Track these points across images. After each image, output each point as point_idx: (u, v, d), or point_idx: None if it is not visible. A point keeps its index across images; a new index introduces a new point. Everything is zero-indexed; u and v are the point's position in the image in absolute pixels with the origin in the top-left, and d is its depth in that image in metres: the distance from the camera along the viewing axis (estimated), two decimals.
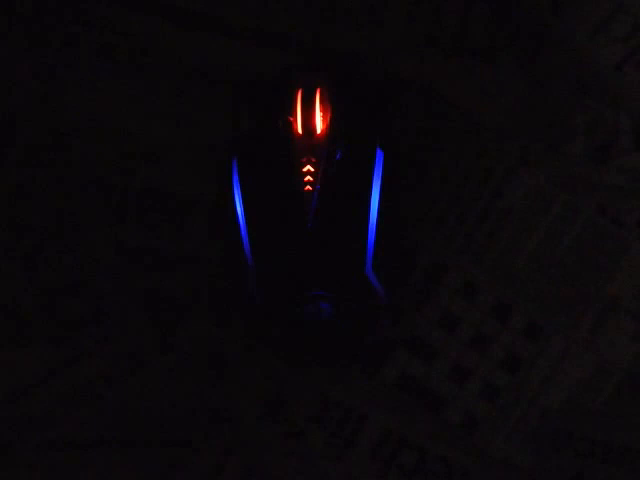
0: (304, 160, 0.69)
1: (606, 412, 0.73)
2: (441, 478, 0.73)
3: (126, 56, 0.78)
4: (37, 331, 0.74)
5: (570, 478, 0.73)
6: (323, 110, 0.71)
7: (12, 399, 0.73)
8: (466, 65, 0.78)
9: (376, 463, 0.73)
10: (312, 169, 0.69)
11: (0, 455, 0.72)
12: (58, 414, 0.73)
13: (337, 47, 0.78)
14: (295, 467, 0.73)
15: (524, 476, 0.73)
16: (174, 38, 0.78)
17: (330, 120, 0.70)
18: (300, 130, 0.70)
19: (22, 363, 0.74)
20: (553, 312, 0.75)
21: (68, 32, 0.78)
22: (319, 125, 0.70)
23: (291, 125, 0.70)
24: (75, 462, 0.73)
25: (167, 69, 0.78)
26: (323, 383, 0.75)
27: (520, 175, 0.77)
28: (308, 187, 0.68)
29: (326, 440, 0.74)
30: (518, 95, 0.78)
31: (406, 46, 0.78)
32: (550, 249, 0.76)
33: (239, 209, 0.69)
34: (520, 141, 0.77)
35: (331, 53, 0.78)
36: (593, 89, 0.78)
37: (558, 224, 0.76)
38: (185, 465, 0.73)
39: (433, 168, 0.77)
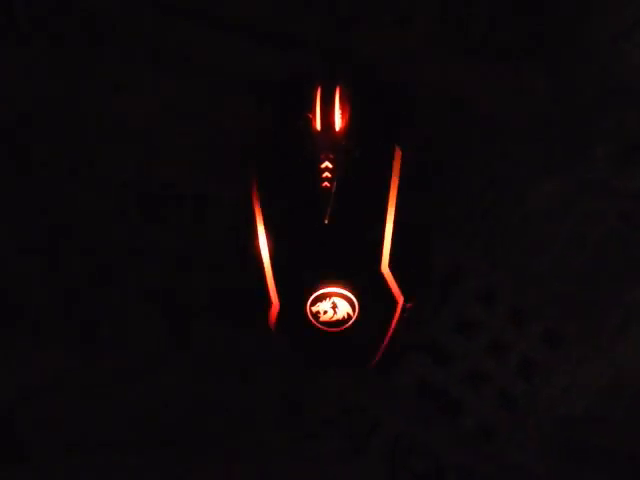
0: (322, 157, 0.68)
1: (624, 423, 0.72)
2: None
3: (150, 57, 0.78)
4: (54, 332, 0.75)
5: None
6: (342, 108, 0.70)
7: (28, 398, 0.74)
8: (489, 67, 0.77)
9: (389, 467, 0.73)
10: (330, 165, 0.68)
11: (19, 454, 0.73)
12: (73, 414, 0.74)
13: (356, 48, 0.78)
14: (308, 469, 0.73)
15: None
16: (196, 39, 0.78)
17: (349, 118, 0.70)
18: (319, 127, 0.69)
19: (39, 364, 0.74)
20: (572, 319, 0.74)
21: (90, 33, 0.77)
22: (338, 122, 0.69)
23: (310, 122, 0.70)
24: (87, 462, 0.73)
25: (187, 69, 0.78)
26: (339, 386, 0.74)
27: (542, 179, 0.75)
28: (326, 183, 0.68)
29: (340, 442, 0.73)
30: (541, 98, 0.76)
31: (427, 47, 0.77)
32: (570, 255, 0.75)
33: (257, 207, 0.69)
34: (542, 145, 0.76)
35: (350, 54, 0.78)
36: (617, 94, 0.76)
37: (579, 230, 0.75)
38: (200, 465, 0.73)
39: (452, 170, 0.76)
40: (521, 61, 0.76)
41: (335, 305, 0.67)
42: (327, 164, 0.68)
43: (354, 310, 0.67)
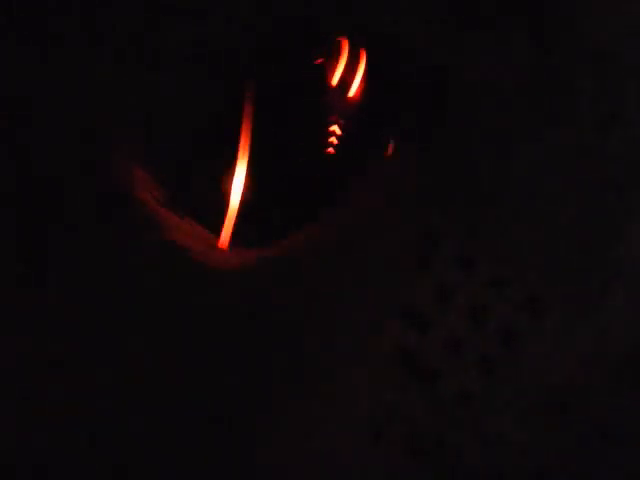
0: (333, 119, 0.62)
1: (606, 390, 0.70)
2: (433, 451, 0.70)
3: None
4: None
5: (566, 457, 0.70)
6: (362, 73, 0.65)
7: None
8: (473, 35, 0.76)
9: (366, 434, 0.71)
10: (338, 132, 0.62)
11: None
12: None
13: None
14: (291, 438, 0.71)
15: (518, 452, 0.70)
16: None
17: (367, 87, 0.65)
18: (335, 81, 0.63)
19: None
20: (554, 283, 0.72)
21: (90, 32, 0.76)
22: (355, 87, 0.64)
23: (324, 73, 0.64)
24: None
25: None
26: (322, 354, 0.72)
27: (525, 145, 0.74)
28: (330, 150, 0.62)
29: (321, 411, 0.71)
30: (525, 65, 0.76)
31: (413, 16, 0.76)
32: (552, 219, 0.73)
33: (246, 137, 0.60)
34: (525, 109, 0.75)
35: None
36: (600, 60, 0.75)
37: (562, 195, 0.73)
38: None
39: (437, 136, 0.75)
40: (505, 29, 0.76)
41: None
42: (335, 129, 0.62)
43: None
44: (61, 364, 0.63)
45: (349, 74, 0.62)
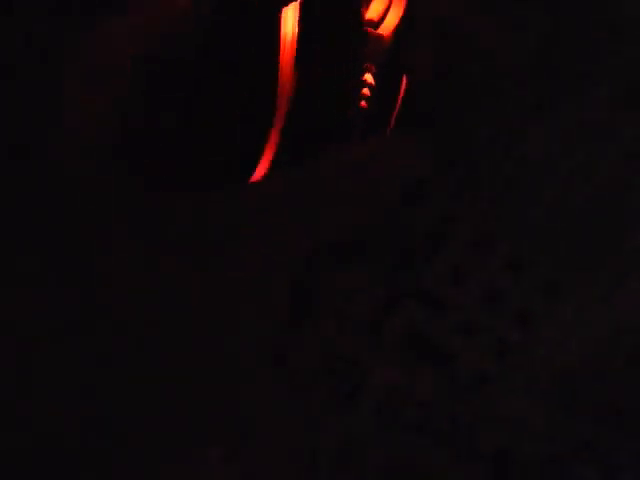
0: (367, 66, 0.52)
1: (622, 375, 0.70)
2: (447, 436, 0.70)
3: None
4: None
5: (581, 442, 0.70)
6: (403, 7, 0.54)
7: None
8: (489, 2, 0.73)
9: (380, 419, 0.71)
10: (372, 81, 0.51)
11: None
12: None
13: None
14: (295, 421, 0.71)
15: (533, 437, 0.70)
16: None
17: (402, 25, 0.53)
18: (375, 17, 0.52)
19: None
20: (570, 266, 0.71)
21: None
22: (392, 21, 0.53)
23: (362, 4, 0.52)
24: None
25: None
26: (326, 336, 0.72)
27: (540, 120, 0.72)
28: (363, 103, 0.52)
29: (328, 394, 0.71)
30: (541, 32, 0.73)
31: None
32: (569, 200, 0.72)
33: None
34: (541, 83, 0.72)
35: None
36: (626, 31, 0.72)
37: (579, 174, 0.71)
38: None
39: (445, 109, 0.73)
40: None
41: None
42: (369, 77, 0.52)
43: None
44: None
45: (384, 5, 0.53)
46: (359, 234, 0.72)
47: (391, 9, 0.53)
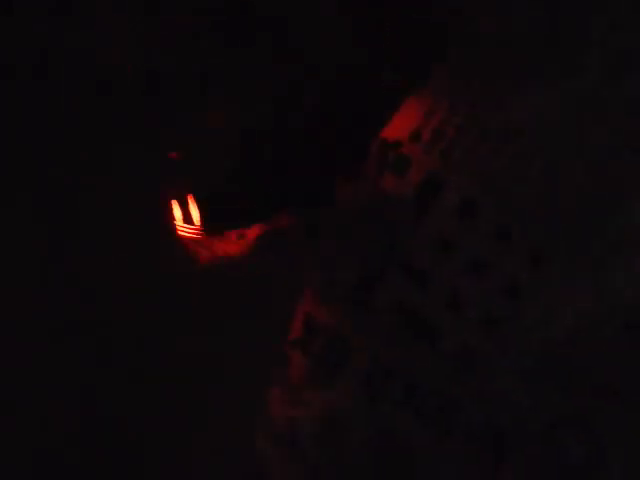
0: None
1: (607, 350, 0.69)
2: (432, 411, 0.69)
3: None
4: None
5: (567, 416, 0.69)
6: None
7: None
8: None
9: (364, 393, 0.70)
10: None
11: None
12: None
13: None
14: (277, 393, 0.70)
15: (519, 412, 0.69)
16: None
17: None
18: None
19: None
20: (557, 237, 0.70)
21: None
22: None
23: None
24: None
25: None
26: (314, 309, 0.71)
27: (529, 89, 0.71)
28: None
29: (311, 367, 0.70)
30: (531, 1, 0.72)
31: None
32: (559, 171, 0.70)
33: None
34: (531, 53, 0.71)
35: None
36: None
37: (569, 145, 0.70)
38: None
39: (434, 78, 0.72)
40: None
41: None
42: None
43: None
44: None
45: None
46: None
47: None
